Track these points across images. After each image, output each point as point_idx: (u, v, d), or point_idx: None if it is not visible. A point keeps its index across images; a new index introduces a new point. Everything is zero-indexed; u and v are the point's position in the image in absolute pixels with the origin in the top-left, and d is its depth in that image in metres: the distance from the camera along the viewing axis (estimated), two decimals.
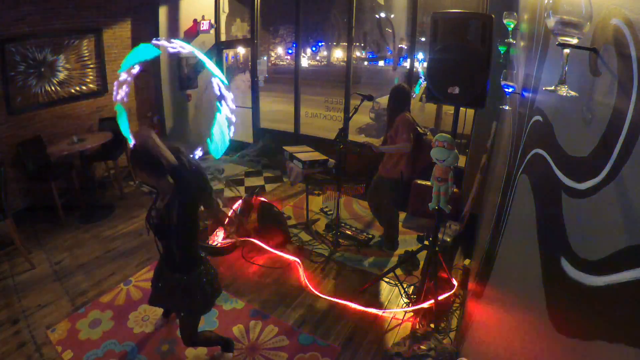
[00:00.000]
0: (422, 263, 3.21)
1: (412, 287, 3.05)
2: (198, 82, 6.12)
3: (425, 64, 3.11)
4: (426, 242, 2.78)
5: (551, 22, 0.78)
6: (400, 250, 3.62)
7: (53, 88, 4.43)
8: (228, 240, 3.63)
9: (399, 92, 3.19)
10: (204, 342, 2.28)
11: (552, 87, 0.85)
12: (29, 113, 4.23)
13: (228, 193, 3.16)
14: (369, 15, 5.50)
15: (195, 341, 2.17)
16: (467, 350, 2.00)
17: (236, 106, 3.84)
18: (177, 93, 5.83)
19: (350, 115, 3.61)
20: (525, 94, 1.82)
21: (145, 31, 5.30)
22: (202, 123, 6.40)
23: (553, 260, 0.87)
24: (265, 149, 5.68)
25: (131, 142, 1.92)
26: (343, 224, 3.98)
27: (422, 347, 2.17)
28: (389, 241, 3.64)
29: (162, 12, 5.34)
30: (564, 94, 0.83)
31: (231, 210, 2.08)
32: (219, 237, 3.68)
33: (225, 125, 3.12)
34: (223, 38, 6.33)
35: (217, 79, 3.14)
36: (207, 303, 2.04)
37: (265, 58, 6.06)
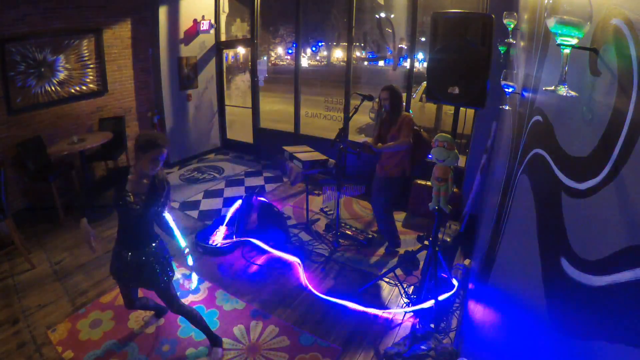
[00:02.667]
0: (422, 263, 3.22)
1: (412, 287, 3.05)
2: (198, 82, 6.12)
3: (425, 64, 3.12)
4: (426, 242, 2.78)
5: (551, 22, 0.78)
6: (400, 250, 3.62)
7: (53, 88, 4.43)
8: (227, 241, 3.63)
9: (397, 93, 3.21)
10: (189, 313, 2.33)
11: (552, 87, 0.85)
12: (29, 113, 4.23)
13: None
14: (369, 15, 5.49)
15: (179, 305, 2.28)
16: (467, 350, 2.01)
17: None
18: (177, 93, 5.83)
19: (350, 115, 3.61)
20: (525, 94, 1.82)
21: (145, 31, 5.31)
22: (202, 123, 6.40)
23: (553, 260, 0.87)
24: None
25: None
26: (343, 224, 3.98)
27: (422, 347, 2.17)
28: (394, 240, 3.60)
29: (162, 12, 5.33)
30: (564, 94, 0.83)
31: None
32: (219, 237, 3.68)
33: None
34: (223, 38, 6.33)
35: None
36: (164, 273, 2.18)
37: (265, 58, 6.05)
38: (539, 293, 0.93)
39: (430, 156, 2.45)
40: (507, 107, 2.59)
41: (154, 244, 2.16)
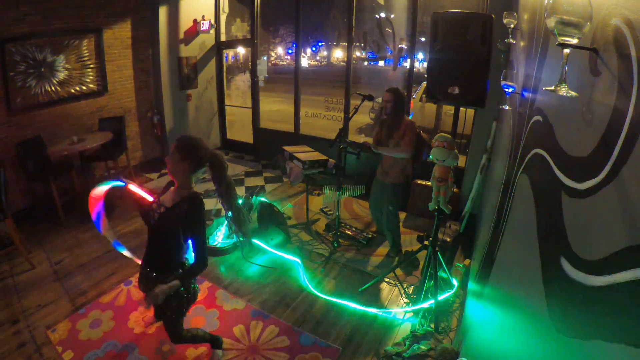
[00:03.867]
0: (422, 263, 3.22)
1: (412, 287, 3.05)
2: (198, 82, 6.12)
3: (426, 64, 3.10)
4: (426, 242, 2.78)
5: (551, 22, 0.78)
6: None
7: (53, 88, 4.43)
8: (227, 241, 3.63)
9: (401, 96, 3.11)
10: (190, 339, 2.25)
11: (552, 87, 0.85)
12: (29, 113, 4.23)
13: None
14: (369, 15, 5.49)
15: (180, 337, 2.13)
16: (467, 350, 2.00)
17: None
18: (177, 93, 5.83)
19: (350, 115, 3.61)
20: (525, 94, 1.82)
21: (145, 31, 5.31)
22: (202, 123, 6.40)
23: (553, 260, 0.87)
24: None
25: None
26: (343, 224, 3.98)
27: (422, 347, 2.17)
28: (396, 247, 3.53)
29: (162, 12, 5.33)
30: (564, 94, 0.83)
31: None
32: (219, 237, 3.68)
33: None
34: (223, 38, 6.33)
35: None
36: (181, 308, 1.98)
37: (265, 58, 6.06)
38: (538, 293, 0.93)
39: (429, 156, 2.44)
40: (507, 107, 2.59)
41: (168, 275, 1.87)
